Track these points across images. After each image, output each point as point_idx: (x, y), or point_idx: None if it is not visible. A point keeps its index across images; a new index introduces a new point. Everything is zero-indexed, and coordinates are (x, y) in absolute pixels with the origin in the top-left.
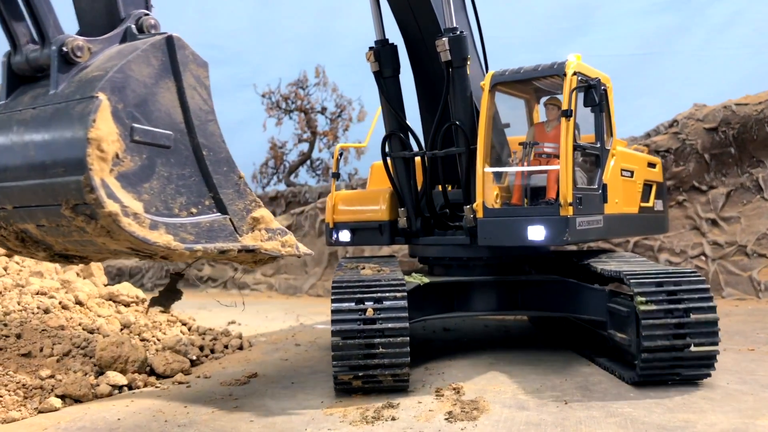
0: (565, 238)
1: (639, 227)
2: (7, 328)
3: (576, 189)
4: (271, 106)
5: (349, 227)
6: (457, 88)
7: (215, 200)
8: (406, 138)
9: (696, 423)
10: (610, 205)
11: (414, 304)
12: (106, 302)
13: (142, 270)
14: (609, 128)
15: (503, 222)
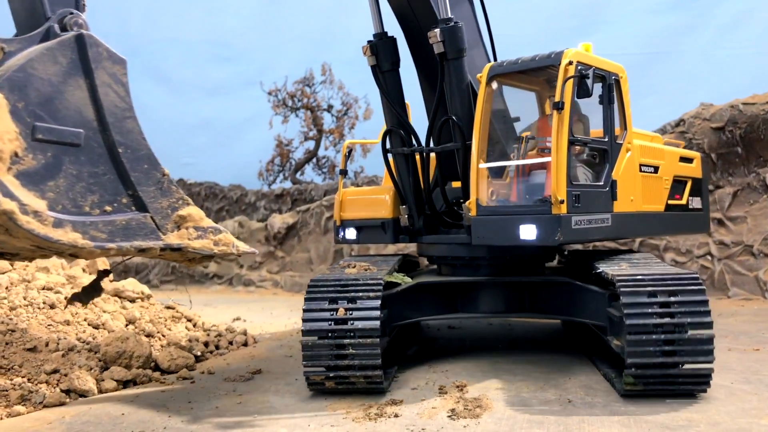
0: (557, 238)
1: (667, 226)
2: (13, 322)
3: (574, 186)
4: (278, 103)
5: (354, 225)
6: (453, 81)
7: (134, 198)
8: (406, 134)
9: (699, 422)
10: (622, 203)
11: (409, 304)
12: (111, 298)
13: (148, 267)
14: (623, 121)
15: (496, 220)
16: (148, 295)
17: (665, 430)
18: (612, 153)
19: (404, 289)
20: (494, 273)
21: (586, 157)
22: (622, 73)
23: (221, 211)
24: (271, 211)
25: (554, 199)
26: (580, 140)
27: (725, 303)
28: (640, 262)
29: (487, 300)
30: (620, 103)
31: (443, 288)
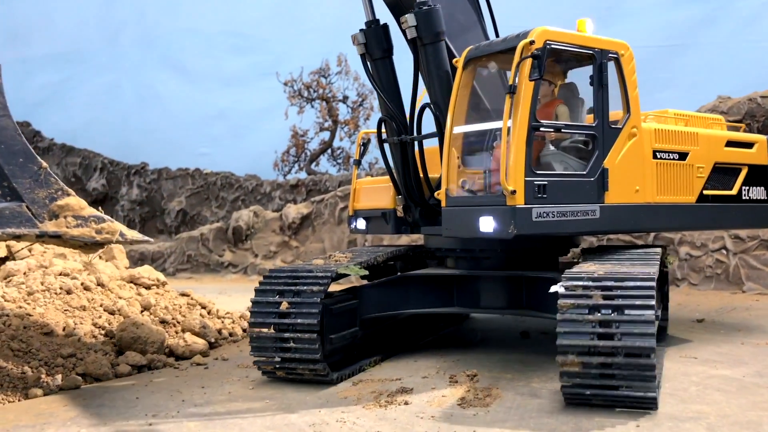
0: (510, 231)
1: (703, 220)
2: (31, 307)
3: (537, 175)
4: (293, 94)
5: (364, 215)
6: (431, 66)
7: (9, 189)
8: (399, 123)
9: (709, 415)
10: (619, 194)
11: (393, 296)
12: (127, 284)
13: (164, 255)
14: (625, 103)
15: (461, 212)
16: (164, 282)
17: (676, 421)
18: (604, 139)
19: (388, 280)
20: (494, 267)
21: (572, 144)
22: (623, 51)
23: (237, 200)
24: (286, 201)
25: (504, 189)
26: (549, 126)
27: (740, 297)
28: (633, 259)
29: (485, 295)
30: (622, 83)
31: (438, 280)
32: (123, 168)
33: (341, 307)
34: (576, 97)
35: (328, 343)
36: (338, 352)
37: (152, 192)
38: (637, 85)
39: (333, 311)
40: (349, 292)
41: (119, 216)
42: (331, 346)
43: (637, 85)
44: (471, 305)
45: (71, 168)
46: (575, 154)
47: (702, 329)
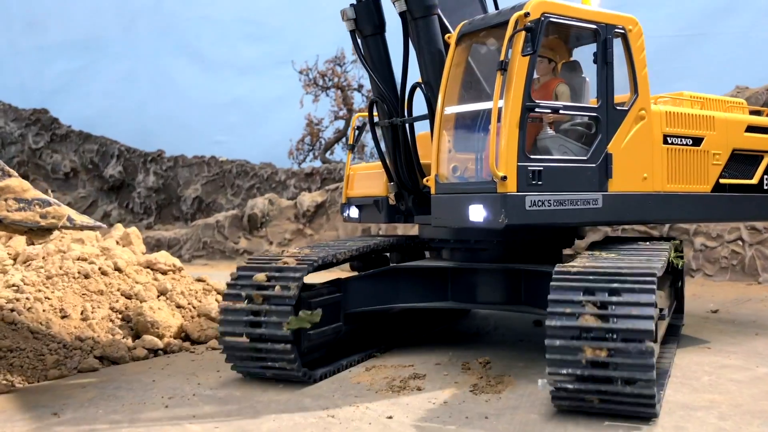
0: (500, 221)
1: (720, 211)
2: (50, 290)
3: (532, 160)
4: (309, 83)
5: (357, 203)
6: (422, 42)
7: None
8: (391, 105)
9: (721, 404)
10: (625, 181)
11: (380, 289)
12: (144, 269)
13: (180, 242)
14: (633, 83)
15: (451, 199)
16: (180, 267)
17: (687, 410)
18: (608, 122)
19: (376, 272)
20: (491, 259)
21: (572, 128)
22: (631, 26)
23: (252, 188)
24: (300, 189)
25: (494, 175)
26: (546, 106)
27: (755, 289)
28: (639, 251)
29: (481, 289)
30: (629, 61)
31: (431, 273)
32: (140, 155)
33: (322, 301)
34: (579, 76)
35: (305, 340)
36: (319, 349)
37: (168, 179)
38: (646, 64)
39: (312, 305)
40: (333, 284)
41: (136, 202)
42: (310, 343)
43: (647, 63)
44: (466, 300)
45: (88, 155)
46: (576, 139)
47: (716, 320)
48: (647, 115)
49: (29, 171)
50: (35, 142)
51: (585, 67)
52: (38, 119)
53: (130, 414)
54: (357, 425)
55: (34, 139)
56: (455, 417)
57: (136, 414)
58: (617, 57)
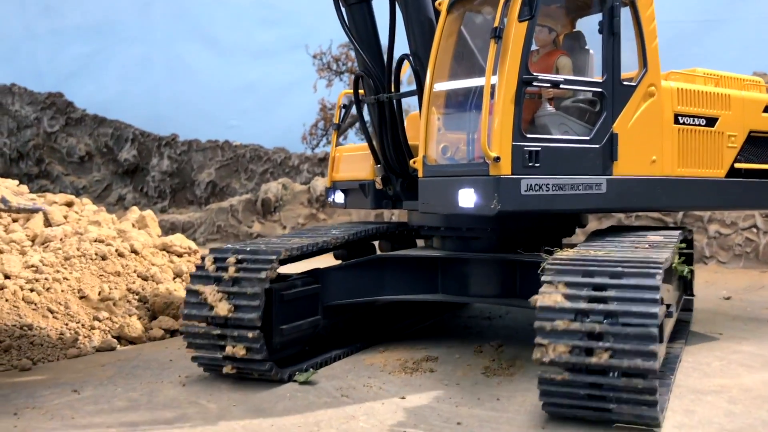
0: (492, 206)
1: (733, 198)
2: (68, 271)
3: (528, 139)
4: (322, 67)
5: (342, 187)
6: (410, 9)
7: None
8: (378, 79)
9: (731, 388)
10: (631, 164)
11: (363, 281)
12: (159, 252)
13: (194, 225)
14: (642, 56)
15: (439, 183)
16: (195, 250)
17: (698, 394)
18: (614, 99)
19: (358, 262)
20: (485, 248)
21: (574, 104)
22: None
23: (265, 173)
24: (314, 174)
25: (486, 156)
26: (545, 80)
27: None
28: (619, 242)
29: (473, 281)
30: (638, 32)
31: (419, 263)
32: (154, 139)
33: (297, 293)
34: (582, 48)
35: (277, 335)
36: (293, 345)
37: (182, 163)
38: (656, 36)
39: (284, 298)
40: (311, 275)
41: (150, 186)
42: (282, 339)
43: (657, 35)
44: (457, 292)
45: (103, 139)
46: (578, 117)
47: (728, 306)
48: (657, 92)
49: (45, 154)
50: (50, 125)
51: (590, 40)
52: (53, 103)
53: (148, 392)
54: (370, 405)
55: (50, 122)
56: (467, 398)
57: (154, 392)
58: (626, 28)
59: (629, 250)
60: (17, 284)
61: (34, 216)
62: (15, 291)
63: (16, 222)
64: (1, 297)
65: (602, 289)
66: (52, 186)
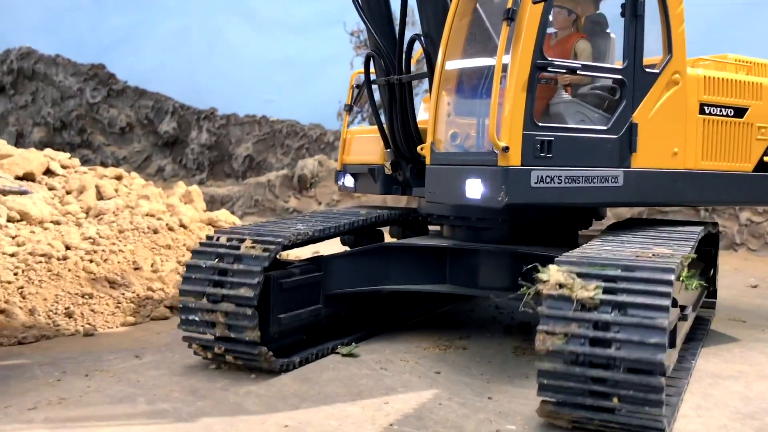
0: (500, 199)
1: (759, 193)
2: (122, 244)
3: (540, 128)
4: (359, 44)
5: (352, 171)
6: None
7: None
8: (389, 60)
9: (749, 374)
10: (652, 157)
11: (368, 269)
12: (205, 226)
13: (233, 198)
14: (667, 42)
15: (446, 172)
16: None
17: (716, 378)
18: (635, 86)
19: (363, 250)
20: (496, 239)
21: (592, 91)
22: None
23: (301, 148)
24: None
25: (494, 145)
26: (560, 66)
27: None
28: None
29: (483, 272)
30: (664, 16)
31: (426, 252)
32: (193, 113)
33: (297, 282)
34: (604, 32)
35: (275, 324)
36: (293, 334)
37: (221, 137)
38: (684, 20)
39: (283, 286)
40: (313, 262)
41: (189, 158)
42: (280, 328)
43: (684, 19)
44: (465, 284)
45: (144, 111)
46: (597, 105)
47: (754, 294)
48: (682, 80)
49: (87, 125)
50: (93, 96)
51: (612, 23)
52: (96, 74)
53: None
54: (407, 378)
55: (92, 93)
56: (497, 375)
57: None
58: (650, 11)
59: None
60: (78, 255)
61: (87, 189)
62: (76, 261)
63: (70, 194)
64: (65, 267)
65: (612, 281)
66: (93, 156)
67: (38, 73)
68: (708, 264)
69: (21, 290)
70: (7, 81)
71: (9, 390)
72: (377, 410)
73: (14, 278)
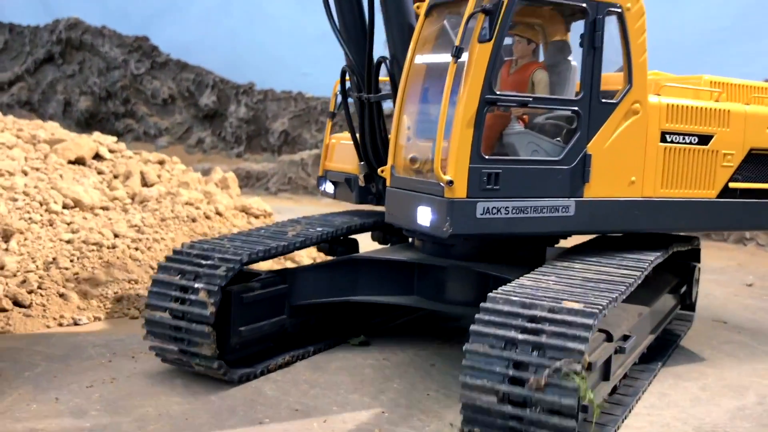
0: (445, 229)
1: (723, 219)
2: (164, 232)
3: (486, 162)
4: None
5: (332, 178)
6: (390, 11)
7: None
8: (361, 78)
9: (709, 375)
10: (606, 186)
11: (335, 281)
12: (239, 213)
13: (267, 175)
14: (627, 73)
15: (402, 196)
16: (270, 213)
17: (677, 379)
18: (591, 117)
19: (330, 262)
20: (463, 256)
21: (549, 121)
22: (630, 4)
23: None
24: None
25: (438, 178)
26: (510, 99)
27: None
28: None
29: (450, 287)
30: (625, 46)
31: (395, 265)
32: (232, 87)
33: (259, 296)
34: (566, 60)
35: (235, 336)
36: (255, 344)
37: (258, 112)
38: (645, 50)
39: (243, 300)
40: (279, 274)
41: (228, 131)
42: (240, 339)
43: (646, 48)
44: (432, 297)
45: (185, 84)
46: (553, 134)
47: (747, 294)
48: (642, 109)
49: (131, 95)
50: (137, 68)
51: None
52: (140, 46)
53: None
54: (405, 369)
55: (136, 65)
56: None
57: None
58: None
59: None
60: (125, 243)
61: (133, 175)
62: (123, 249)
63: (117, 178)
64: (113, 254)
65: (535, 321)
66: (137, 125)
67: (85, 43)
68: (685, 278)
69: (76, 276)
70: (55, 50)
71: (70, 369)
72: (373, 398)
73: (71, 265)
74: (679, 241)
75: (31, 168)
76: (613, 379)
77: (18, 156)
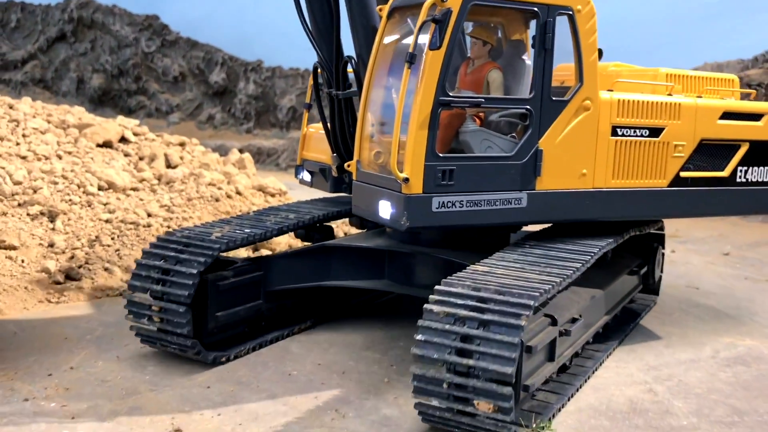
0: (402, 222)
1: (675, 207)
2: (191, 211)
3: (441, 159)
4: None
5: (308, 167)
6: (355, 12)
7: None
8: (330, 74)
9: (674, 334)
10: (558, 179)
11: (308, 267)
12: (257, 192)
13: (277, 151)
14: (578, 72)
15: (366, 190)
16: (284, 191)
17: (646, 338)
18: (542, 115)
19: (303, 250)
20: (432, 243)
21: (503, 119)
22: (581, 6)
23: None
24: None
25: (395, 174)
26: (463, 100)
27: None
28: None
29: (419, 272)
30: (576, 46)
31: (366, 251)
32: (241, 64)
33: (235, 282)
34: (520, 59)
35: (212, 321)
36: (232, 327)
37: (266, 89)
38: (596, 49)
39: (219, 288)
40: (254, 261)
41: (237, 108)
42: (217, 323)
43: (596, 48)
44: (402, 282)
45: (195, 61)
46: (507, 132)
47: (723, 262)
48: (593, 105)
49: (142, 73)
50: (147, 46)
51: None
52: (150, 25)
53: None
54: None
55: (147, 43)
56: None
57: None
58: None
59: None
60: (158, 222)
61: (157, 157)
62: (157, 227)
63: (143, 160)
64: (149, 233)
65: (483, 302)
66: (149, 102)
67: (96, 22)
68: (647, 259)
69: (118, 252)
70: (67, 29)
71: (123, 332)
72: (383, 354)
73: (112, 242)
74: (636, 226)
75: (64, 152)
76: (559, 360)
77: (51, 141)
